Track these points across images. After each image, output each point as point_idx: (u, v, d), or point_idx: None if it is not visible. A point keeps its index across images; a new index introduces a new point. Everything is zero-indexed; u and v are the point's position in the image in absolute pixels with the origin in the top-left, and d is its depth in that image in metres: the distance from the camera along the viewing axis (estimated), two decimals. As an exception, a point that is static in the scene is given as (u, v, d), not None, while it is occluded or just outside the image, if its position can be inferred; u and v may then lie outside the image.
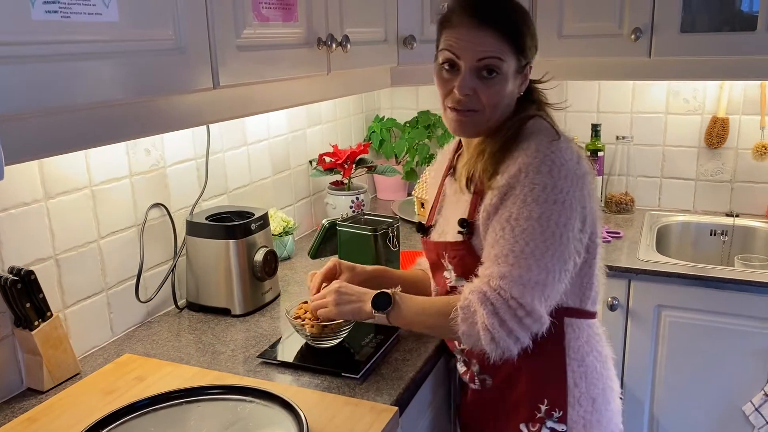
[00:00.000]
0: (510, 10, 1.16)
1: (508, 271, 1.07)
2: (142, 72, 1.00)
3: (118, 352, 1.41)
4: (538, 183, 1.08)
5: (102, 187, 1.42)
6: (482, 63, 1.13)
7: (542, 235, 1.07)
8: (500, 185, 1.12)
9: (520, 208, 1.08)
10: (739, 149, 2.26)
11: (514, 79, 1.17)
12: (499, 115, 1.18)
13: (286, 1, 1.34)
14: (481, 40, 1.13)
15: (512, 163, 1.12)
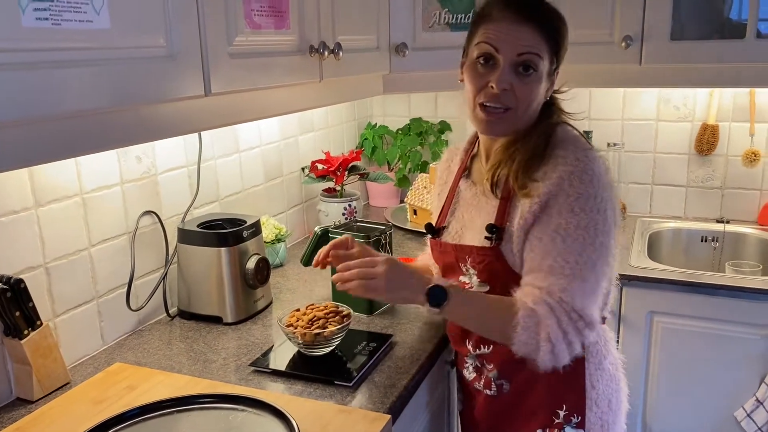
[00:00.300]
0: (551, 10, 1.17)
1: (568, 283, 1.08)
2: (133, 79, 1.00)
3: (108, 360, 1.39)
4: (582, 192, 1.09)
5: (93, 195, 1.41)
6: (522, 58, 1.13)
7: (592, 245, 1.09)
8: (540, 193, 1.12)
9: (569, 218, 1.09)
10: (729, 156, 2.27)
11: (545, 80, 1.17)
12: (528, 116, 1.19)
13: (279, 8, 1.34)
14: (523, 35, 1.13)
15: (550, 171, 1.12)
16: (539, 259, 1.11)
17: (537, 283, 1.10)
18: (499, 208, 1.19)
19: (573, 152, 1.13)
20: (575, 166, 1.11)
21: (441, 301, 1.12)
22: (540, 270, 1.11)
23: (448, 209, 1.36)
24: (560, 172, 1.11)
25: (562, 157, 1.13)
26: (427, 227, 1.37)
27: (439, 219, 1.38)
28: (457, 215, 1.33)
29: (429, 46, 1.93)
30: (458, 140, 2.64)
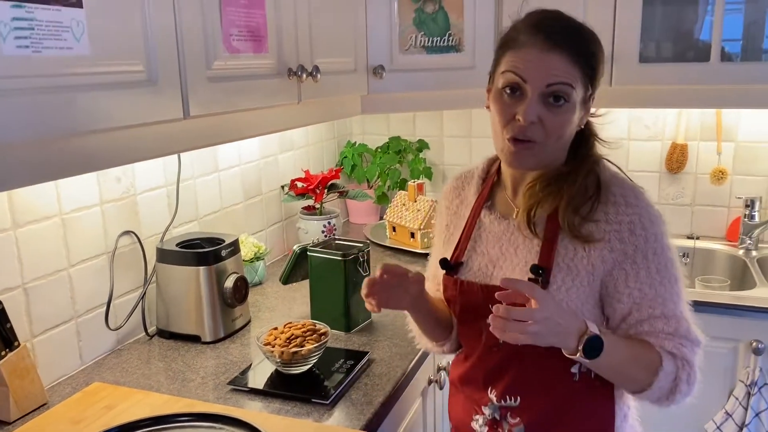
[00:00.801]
0: (584, 33, 1.08)
1: (687, 323, 1.08)
2: (113, 103, 1.02)
3: (87, 380, 1.40)
4: (657, 233, 1.07)
5: (72, 216, 1.42)
6: (551, 89, 1.03)
7: (680, 279, 1.09)
8: (608, 240, 1.07)
9: (657, 261, 1.07)
10: (698, 174, 2.34)
11: (579, 109, 1.08)
12: (559, 148, 1.11)
13: (257, 33, 1.37)
14: (553, 63, 1.03)
15: (614, 213, 1.07)
16: (648, 308, 1.07)
17: (663, 329, 1.06)
18: (544, 247, 1.09)
19: (631, 191, 1.10)
20: (643, 208, 1.08)
21: (597, 353, 0.99)
22: (656, 317, 1.06)
23: (467, 243, 1.21)
24: (630, 216, 1.07)
25: (622, 197, 1.09)
26: (442, 263, 1.21)
27: (456, 253, 1.22)
28: (480, 250, 1.19)
29: (406, 68, 1.97)
30: (436, 158, 2.69)
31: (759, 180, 2.27)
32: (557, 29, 1.06)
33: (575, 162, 1.12)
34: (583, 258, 1.08)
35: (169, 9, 1.12)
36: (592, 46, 1.07)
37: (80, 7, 0.94)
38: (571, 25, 1.08)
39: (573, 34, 1.06)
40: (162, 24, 1.10)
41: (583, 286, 1.08)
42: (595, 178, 1.10)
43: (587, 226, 1.08)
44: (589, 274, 1.07)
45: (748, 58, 2.06)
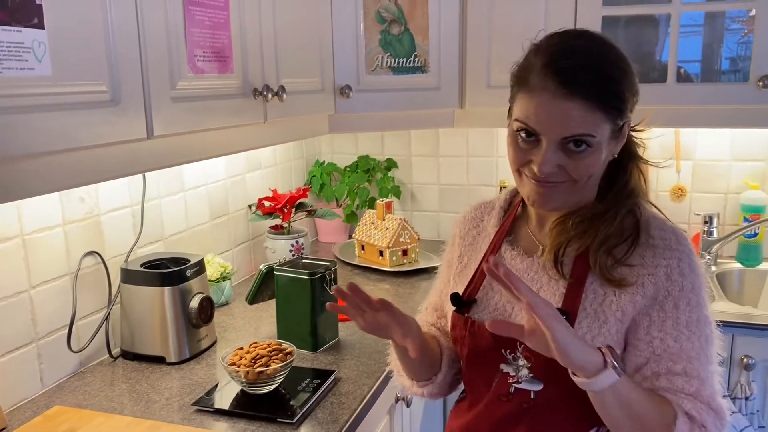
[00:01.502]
0: (605, 70, 0.93)
1: (712, 387, 0.97)
2: (76, 123, 1.02)
3: (48, 404, 1.37)
4: (695, 283, 0.98)
5: (34, 236, 1.41)
6: (568, 139, 0.94)
7: (713, 336, 1.00)
8: (641, 284, 0.98)
9: (689, 314, 0.97)
10: (659, 191, 2.40)
11: (608, 144, 0.97)
12: (590, 186, 1.01)
13: (222, 53, 1.38)
14: (569, 113, 0.91)
15: (651, 256, 0.98)
16: (668, 362, 0.97)
17: (683, 388, 0.96)
18: (570, 290, 1.00)
19: (672, 234, 1.00)
20: (683, 253, 0.99)
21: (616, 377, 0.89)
22: (676, 374, 0.96)
23: (482, 279, 1.11)
24: (669, 260, 0.98)
25: (662, 239, 0.99)
26: (453, 298, 1.11)
27: (469, 289, 1.12)
28: (497, 288, 1.07)
29: (373, 89, 2.00)
30: (404, 177, 2.71)
31: (716, 197, 2.34)
32: (572, 72, 0.92)
33: (612, 197, 1.02)
34: (612, 303, 0.98)
35: (133, 30, 1.13)
36: (614, 79, 0.93)
37: (42, 28, 0.95)
38: (590, 62, 0.93)
39: (591, 75, 0.92)
40: (126, 44, 1.11)
41: (610, 334, 0.98)
42: (633, 219, 1.01)
43: (621, 269, 0.98)
44: (617, 322, 0.98)
45: (706, 79, 2.14)
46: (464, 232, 1.21)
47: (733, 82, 2.07)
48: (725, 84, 2.04)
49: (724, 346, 1.07)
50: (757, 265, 2.25)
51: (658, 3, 2.04)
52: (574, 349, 0.87)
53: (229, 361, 1.37)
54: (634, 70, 0.98)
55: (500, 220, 1.16)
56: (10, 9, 0.90)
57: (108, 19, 1.07)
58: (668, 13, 1.97)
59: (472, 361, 1.10)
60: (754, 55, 1.87)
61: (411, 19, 2.02)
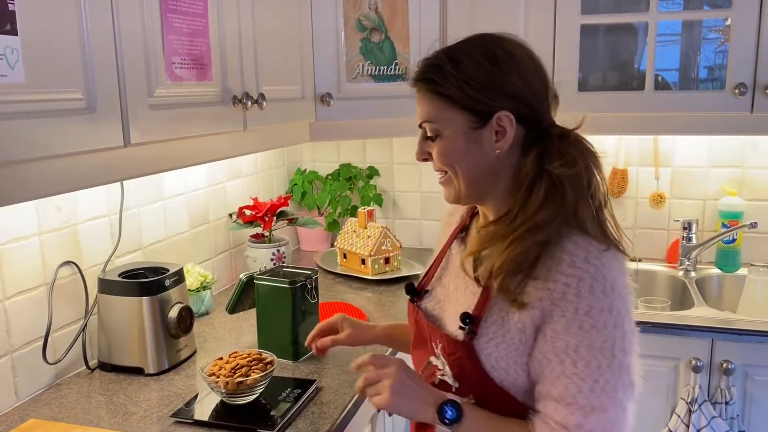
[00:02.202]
0: (449, 61, 1.00)
1: (584, 417, 0.91)
2: (50, 131, 1.00)
3: (22, 417, 1.35)
4: (594, 305, 0.91)
5: (8, 246, 1.38)
6: (423, 128, 1.05)
7: (609, 368, 0.91)
8: (539, 298, 0.93)
9: (579, 337, 0.91)
10: (638, 198, 2.42)
11: (469, 136, 1.00)
12: (471, 180, 1.03)
13: (201, 60, 1.37)
14: (417, 102, 1.05)
15: (553, 273, 0.93)
16: (548, 384, 0.94)
17: (551, 414, 0.94)
18: (481, 295, 1.01)
19: (584, 251, 0.93)
20: (586, 272, 0.92)
21: (454, 419, 0.96)
22: (551, 398, 0.94)
23: (435, 272, 1.19)
24: (568, 277, 0.92)
25: (569, 254, 0.93)
26: (407, 288, 1.19)
27: (424, 280, 1.20)
28: (443, 282, 1.15)
29: (353, 96, 2.00)
30: (386, 185, 2.71)
31: (695, 203, 2.36)
32: (423, 65, 1.04)
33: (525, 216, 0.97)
34: (515, 314, 0.96)
35: (110, 36, 1.12)
36: (449, 74, 0.99)
37: (15, 34, 0.93)
38: (439, 58, 1.02)
39: (428, 68, 1.02)
40: (102, 51, 1.10)
41: (513, 344, 0.96)
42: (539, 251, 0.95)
43: (523, 286, 0.95)
44: (520, 333, 0.96)
45: (684, 87, 2.17)
46: (442, 229, 1.28)
47: (710, 89, 2.10)
48: (702, 92, 2.07)
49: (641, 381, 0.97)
50: (736, 271, 2.27)
51: (635, 12, 2.06)
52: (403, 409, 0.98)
53: (209, 372, 1.35)
54: (507, 69, 0.98)
55: (463, 216, 1.21)
56: (-19, 15, 0.88)
57: (83, 25, 1.06)
58: (646, 22, 2.00)
59: (415, 347, 1.17)
60: (730, 64, 1.90)
61: (391, 27, 2.02)
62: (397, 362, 1.00)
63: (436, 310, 1.13)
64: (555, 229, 0.95)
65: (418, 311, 1.15)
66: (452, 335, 1.03)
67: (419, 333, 1.15)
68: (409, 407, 0.98)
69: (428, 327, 1.10)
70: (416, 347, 1.17)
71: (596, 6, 2.03)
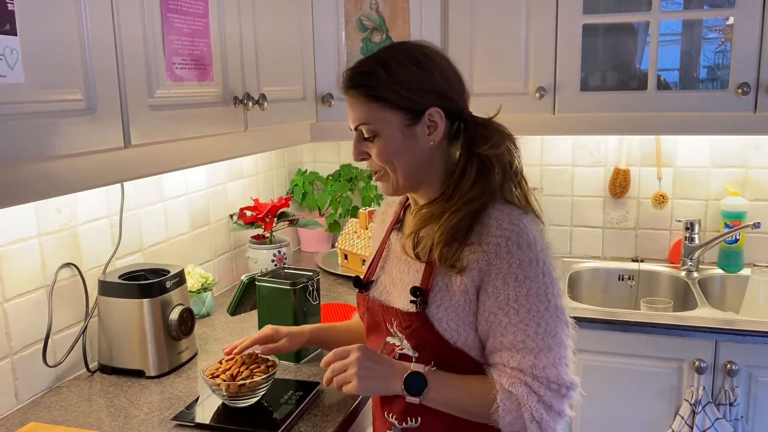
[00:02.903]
0: (359, 70, 1.13)
1: (536, 357, 1.05)
2: (50, 132, 0.99)
3: (23, 420, 1.34)
4: (523, 259, 1.05)
5: (8, 248, 1.37)
6: (358, 131, 1.15)
7: (547, 311, 1.06)
8: (476, 260, 1.07)
9: (517, 288, 1.05)
10: (640, 198, 2.41)
11: (405, 132, 1.12)
12: (409, 171, 1.15)
13: (201, 61, 1.36)
14: (351, 108, 1.14)
15: (484, 236, 1.07)
16: (500, 336, 1.07)
17: (507, 362, 1.07)
18: (425, 270, 1.13)
19: (507, 216, 1.08)
20: (512, 232, 1.06)
21: (421, 389, 1.08)
22: (504, 348, 1.07)
23: (378, 262, 1.29)
24: (497, 239, 1.06)
25: (495, 219, 1.07)
26: (354, 281, 1.30)
27: (368, 272, 1.30)
28: (386, 269, 1.26)
29: (354, 96, 1.98)
30: (387, 186, 2.70)
31: (697, 203, 2.35)
32: (346, 76, 1.14)
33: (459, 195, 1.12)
34: (457, 278, 1.09)
35: (110, 37, 1.11)
36: (367, 79, 1.11)
37: (14, 34, 0.92)
38: (357, 65, 1.14)
39: (353, 74, 1.13)
40: (102, 52, 1.09)
41: (459, 306, 1.09)
42: (472, 220, 1.09)
43: (459, 256, 1.08)
44: (463, 294, 1.09)
45: (685, 87, 2.16)
46: (376, 225, 1.41)
47: (711, 89, 2.09)
48: (704, 91, 2.06)
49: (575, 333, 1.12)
50: (738, 271, 2.26)
51: (637, 11, 2.05)
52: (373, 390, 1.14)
53: (210, 374, 1.34)
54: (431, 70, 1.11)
55: (396, 212, 1.32)
56: (-20, 15, 0.87)
57: (84, 26, 1.05)
58: (646, 22, 1.99)
59: (369, 334, 1.27)
60: (733, 63, 1.89)
61: (392, 27, 2.01)
62: (357, 349, 1.12)
63: (384, 296, 1.22)
64: (485, 200, 1.10)
65: (369, 300, 1.25)
66: (405, 309, 1.14)
67: (372, 319, 1.24)
68: (378, 387, 1.12)
69: (381, 309, 1.20)
70: (370, 334, 1.26)
71: (597, 6, 2.02)
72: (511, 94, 2.07)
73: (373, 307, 1.24)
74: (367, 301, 1.25)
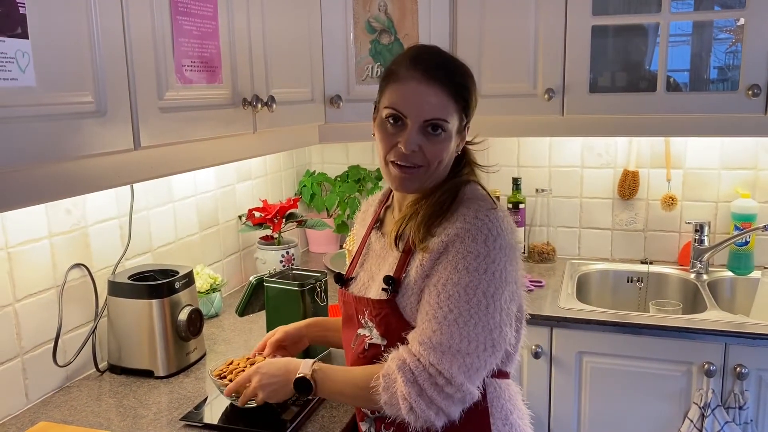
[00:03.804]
0: (458, 69, 1.15)
1: (429, 337, 1.04)
2: (61, 134, 1.00)
3: (33, 420, 1.35)
4: (471, 251, 1.06)
5: (19, 249, 1.38)
6: (428, 123, 1.11)
7: (467, 303, 1.04)
8: (434, 248, 1.09)
9: (450, 274, 1.06)
10: (649, 200, 2.40)
11: (456, 137, 1.16)
12: (440, 173, 1.17)
13: (211, 63, 1.37)
14: (429, 99, 1.10)
15: (449, 227, 1.09)
16: (420, 316, 1.09)
17: (409, 342, 1.08)
18: (399, 260, 1.16)
19: (474, 210, 1.10)
20: (472, 224, 1.08)
21: (309, 390, 1.15)
22: (415, 331, 1.09)
23: (358, 260, 1.32)
24: (456, 229, 1.08)
25: (462, 215, 1.10)
26: (336, 277, 1.32)
27: (349, 269, 1.33)
28: (366, 267, 1.28)
29: (362, 98, 1.99)
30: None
31: (707, 205, 2.34)
32: (433, 64, 1.12)
33: (443, 183, 1.18)
34: (420, 265, 1.11)
35: (120, 39, 1.11)
36: (465, 80, 1.14)
37: (26, 38, 0.93)
38: (447, 59, 1.15)
39: (448, 69, 1.13)
40: (112, 54, 1.09)
41: (415, 294, 1.12)
42: (451, 197, 1.15)
43: (429, 239, 1.11)
44: (419, 280, 1.11)
45: (695, 88, 2.15)
46: (357, 225, 1.43)
47: (721, 91, 2.08)
48: (714, 93, 2.05)
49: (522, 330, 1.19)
50: (749, 274, 2.25)
51: (647, 13, 2.05)
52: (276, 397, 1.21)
53: (218, 374, 1.34)
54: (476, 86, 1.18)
55: (375, 211, 1.35)
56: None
57: (94, 28, 1.06)
58: (657, 23, 1.98)
59: (344, 327, 1.29)
60: (743, 64, 1.88)
61: (401, 29, 2.02)
62: (255, 371, 1.22)
63: (362, 291, 1.24)
64: (461, 182, 1.17)
65: (346, 294, 1.27)
66: (377, 298, 1.16)
67: (347, 312, 1.27)
68: (279, 394, 1.20)
69: (355, 301, 1.23)
70: (345, 327, 1.29)
71: (607, 7, 2.01)
72: (519, 95, 2.07)
73: (348, 300, 1.26)
74: (345, 296, 1.28)
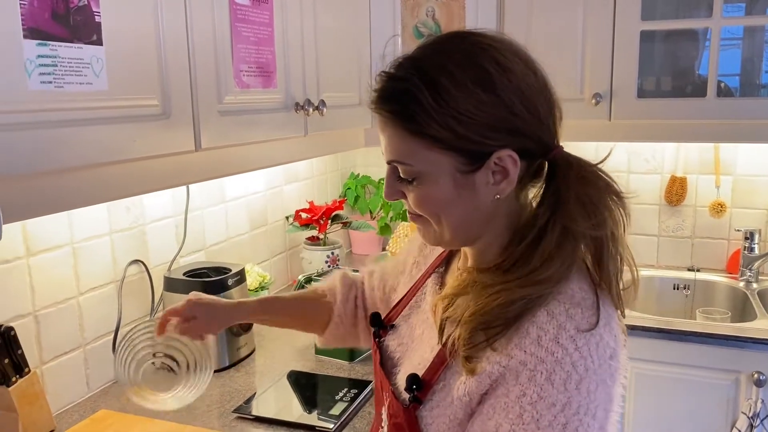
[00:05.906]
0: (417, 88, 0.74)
1: None
2: (129, 136, 1.06)
3: (93, 407, 1.41)
4: (545, 397, 0.71)
5: (83, 244, 1.45)
6: (392, 167, 0.81)
7: None
8: (490, 371, 0.74)
9: (514, 426, 0.72)
10: (697, 207, 2.37)
11: (459, 180, 0.77)
12: (469, 225, 0.81)
13: (266, 69, 1.42)
14: (381, 132, 0.80)
15: (514, 345, 0.73)
16: None
17: None
18: (439, 354, 0.82)
19: (557, 328, 0.73)
20: (550, 354, 0.72)
21: None
22: None
23: (405, 306, 0.99)
24: (526, 356, 0.73)
25: (538, 328, 0.73)
26: (372, 318, 1.01)
27: (390, 313, 1.01)
28: (411, 321, 0.96)
29: (409, 102, 2.02)
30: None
31: (758, 213, 2.30)
32: (382, 89, 0.78)
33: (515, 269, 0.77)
34: (463, 384, 0.77)
35: (183, 46, 1.17)
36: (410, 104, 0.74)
37: (100, 45, 0.99)
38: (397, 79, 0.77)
39: (393, 96, 0.77)
40: (176, 60, 1.15)
41: (456, 418, 0.78)
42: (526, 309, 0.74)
43: (482, 352, 0.76)
44: (466, 407, 0.77)
45: (746, 94, 2.11)
46: (416, 250, 1.07)
47: (774, 96, 2.04)
48: (766, 98, 2.02)
49: None
50: (800, 283, 2.20)
51: (697, 17, 2.03)
52: None
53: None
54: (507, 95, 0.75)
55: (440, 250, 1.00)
56: (72, 27, 0.94)
57: (160, 37, 1.11)
58: (707, 27, 1.96)
59: (376, 392, 1.00)
60: (797, 70, 1.85)
61: (448, 34, 2.04)
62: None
63: (397, 353, 0.94)
64: (550, 287, 0.75)
65: (378, 350, 0.97)
66: (399, 395, 0.86)
67: (376, 377, 0.98)
68: None
69: (380, 375, 0.93)
70: (376, 391, 1.01)
71: (655, 12, 2.00)
72: (566, 100, 2.01)
73: (376, 360, 0.97)
74: (375, 353, 0.98)
